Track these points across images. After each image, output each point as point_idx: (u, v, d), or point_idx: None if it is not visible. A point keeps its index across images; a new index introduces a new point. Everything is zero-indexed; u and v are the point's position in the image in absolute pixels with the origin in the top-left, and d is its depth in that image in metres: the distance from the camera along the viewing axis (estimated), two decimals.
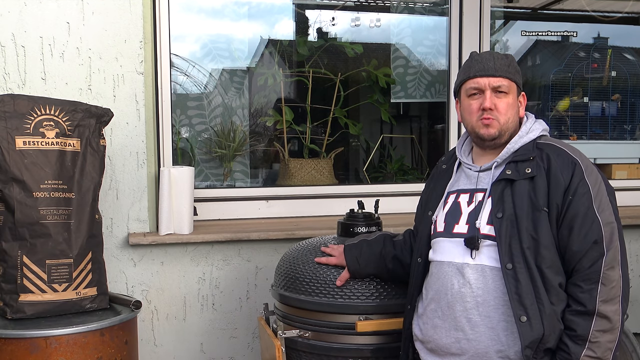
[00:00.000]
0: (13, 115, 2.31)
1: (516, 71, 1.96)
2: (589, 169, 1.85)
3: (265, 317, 2.48)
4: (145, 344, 2.82)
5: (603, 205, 1.82)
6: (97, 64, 2.70)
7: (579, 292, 1.77)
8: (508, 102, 1.92)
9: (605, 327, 1.76)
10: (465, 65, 2.00)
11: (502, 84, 1.91)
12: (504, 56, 1.95)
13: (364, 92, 4.02)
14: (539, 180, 1.84)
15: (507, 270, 1.79)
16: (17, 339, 2.15)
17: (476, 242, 1.85)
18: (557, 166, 1.84)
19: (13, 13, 2.61)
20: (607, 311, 1.76)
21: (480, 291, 1.84)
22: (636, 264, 3.34)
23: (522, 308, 1.76)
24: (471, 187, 1.97)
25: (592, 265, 1.77)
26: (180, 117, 3.63)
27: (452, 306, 1.88)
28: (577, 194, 1.80)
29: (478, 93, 1.93)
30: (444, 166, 2.12)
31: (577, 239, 1.78)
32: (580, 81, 4.23)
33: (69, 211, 2.33)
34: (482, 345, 1.83)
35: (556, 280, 1.80)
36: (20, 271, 2.27)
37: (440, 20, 3.89)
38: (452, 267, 1.90)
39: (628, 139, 4.36)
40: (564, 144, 1.94)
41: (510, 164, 1.89)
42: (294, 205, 3.21)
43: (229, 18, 3.84)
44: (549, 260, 1.80)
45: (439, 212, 2.02)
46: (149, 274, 2.82)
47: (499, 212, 1.84)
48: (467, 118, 1.98)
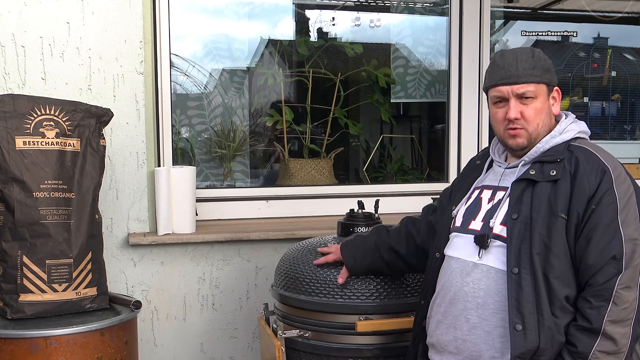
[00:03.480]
0: (13, 115, 2.30)
1: (544, 70, 1.81)
2: (620, 178, 1.72)
3: (265, 317, 2.48)
4: (145, 344, 2.82)
5: (629, 219, 1.69)
6: (97, 64, 2.70)
7: (587, 307, 1.66)
8: (536, 107, 1.80)
9: (610, 349, 1.65)
10: (488, 68, 1.88)
11: (527, 90, 1.79)
12: (529, 56, 1.81)
13: (364, 92, 4.02)
14: (563, 185, 1.72)
15: (512, 274, 1.70)
16: (17, 339, 2.15)
17: (485, 241, 1.78)
18: (585, 172, 1.72)
19: (13, 13, 2.61)
20: (614, 332, 1.64)
21: (481, 292, 1.77)
22: None
23: (520, 316, 1.67)
24: (495, 184, 1.90)
25: (605, 282, 1.65)
26: (180, 117, 3.63)
27: (454, 303, 1.82)
28: (602, 203, 1.68)
29: (502, 101, 1.83)
30: (478, 162, 2.04)
31: (594, 251, 1.67)
32: (580, 81, 4.23)
33: (69, 211, 2.33)
34: (476, 348, 1.77)
35: (563, 292, 1.69)
36: (20, 271, 2.27)
37: (440, 20, 3.89)
38: (459, 264, 1.84)
39: (628, 139, 4.36)
40: (599, 149, 1.80)
41: (536, 164, 1.79)
42: (294, 205, 3.21)
43: (229, 18, 3.84)
44: (558, 270, 1.69)
45: (461, 206, 1.94)
46: (149, 274, 2.82)
47: (515, 214, 1.75)
48: (494, 126, 1.89)
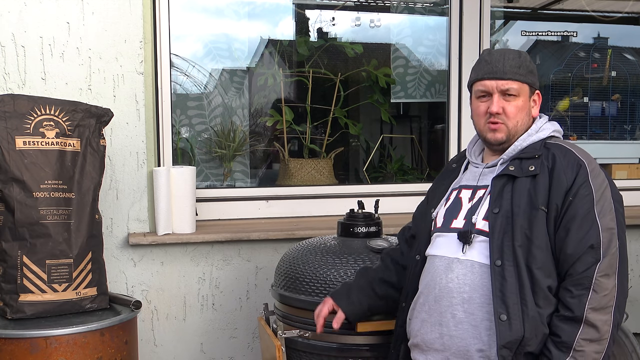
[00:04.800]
0: (13, 115, 2.31)
1: (528, 71, 1.89)
2: (595, 172, 1.80)
3: (265, 317, 2.48)
4: (145, 344, 2.82)
5: (605, 210, 1.76)
6: (97, 64, 2.70)
7: (568, 297, 1.72)
8: (517, 105, 1.87)
9: (593, 336, 1.70)
10: (475, 64, 1.95)
11: (511, 87, 1.86)
12: (516, 55, 1.89)
13: (364, 92, 4.02)
14: (541, 179, 1.80)
15: (495, 266, 1.75)
16: (17, 339, 2.15)
17: (469, 236, 1.82)
18: (562, 166, 1.80)
19: (13, 13, 2.61)
20: (596, 320, 1.70)
21: (466, 287, 1.80)
22: (636, 264, 3.34)
23: (504, 306, 1.71)
24: (473, 184, 1.95)
25: (585, 271, 1.71)
26: (180, 117, 3.63)
27: (438, 301, 1.85)
28: (579, 195, 1.75)
29: (486, 95, 1.89)
30: (454, 165, 2.09)
31: (572, 241, 1.73)
32: (580, 81, 4.23)
33: (69, 211, 2.33)
34: (464, 342, 1.80)
35: (545, 282, 1.75)
36: (20, 271, 2.27)
37: (440, 20, 3.89)
38: (443, 262, 1.87)
39: (628, 139, 4.36)
40: (574, 146, 1.89)
41: (515, 161, 1.86)
42: (294, 205, 3.21)
43: (229, 18, 3.84)
44: (540, 261, 1.75)
45: (440, 208, 1.99)
46: (149, 274, 2.82)
47: (496, 208, 1.80)
48: (475, 119, 1.95)
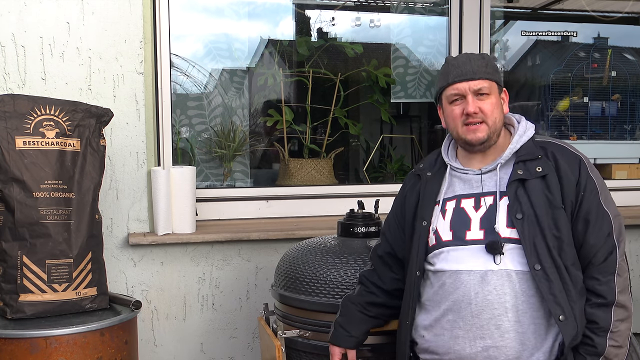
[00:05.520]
0: (13, 115, 2.30)
1: (494, 70, 1.93)
2: (589, 163, 1.89)
3: (265, 317, 2.48)
4: (145, 344, 2.82)
5: (608, 199, 1.86)
6: (97, 64, 2.70)
7: (597, 284, 1.80)
8: (492, 102, 1.90)
9: (623, 315, 1.81)
10: (442, 71, 1.96)
11: (483, 86, 1.88)
12: (480, 57, 1.93)
13: (364, 92, 4.01)
14: (551, 179, 1.84)
15: (535, 271, 1.78)
16: (17, 339, 2.15)
17: (499, 246, 1.81)
18: (565, 163, 1.86)
19: (13, 13, 2.61)
20: (624, 300, 1.81)
21: (507, 297, 1.80)
22: (636, 264, 3.34)
23: (559, 307, 1.76)
24: (475, 192, 1.92)
25: (607, 257, 1.80)
26: (180, 117, 3.63)
27: (477, 315, 1.82)
28: (587, 189, 1.84)
29: (460, 99, 1.90)
30: (429, 173, 2.02)
31: (593, 232, 1.81)
32: (580, 81, 4.23)
33: (69, 211, 2.33)
34: (512, 351, 1.80)
35: (579, 276, 1.82)
36: (20, 271, 2.27)
37: (440, 20, 3.89)
38: (474, 275, 1.84)
39: (628, 139, 4.35)
40: (562, 141, 1.96)
41: (519, 164, 1.88)
42: (294, 205, 3.21)
43: (229, 18, 3.84)
44: (572, 257, 1.81)
45: (438, 221, 1.93)
46: (149, 274, 2.82)
47: (518, 213, 1.81)
48: (451, 124, 1.94)
